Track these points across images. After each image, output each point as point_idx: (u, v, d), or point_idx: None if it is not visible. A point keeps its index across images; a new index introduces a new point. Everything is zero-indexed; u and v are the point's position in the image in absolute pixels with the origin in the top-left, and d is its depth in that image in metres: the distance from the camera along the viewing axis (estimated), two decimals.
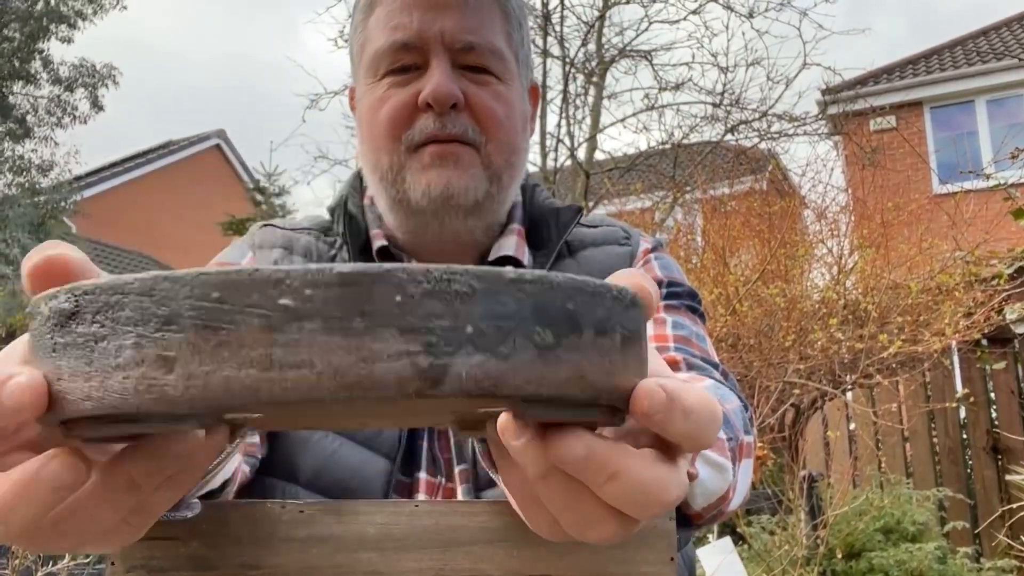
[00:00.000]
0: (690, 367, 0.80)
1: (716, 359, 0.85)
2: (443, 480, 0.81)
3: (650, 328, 0.84)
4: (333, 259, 0.90)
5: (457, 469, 0.81)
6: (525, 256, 0.90)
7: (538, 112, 1.01)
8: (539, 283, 0.31)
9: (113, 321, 0.29)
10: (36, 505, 0.32)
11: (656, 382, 0.34)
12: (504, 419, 0.35)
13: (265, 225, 0.97)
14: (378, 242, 0.90)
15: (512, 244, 0.90)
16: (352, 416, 0.36)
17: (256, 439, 0.79)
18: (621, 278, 0.37)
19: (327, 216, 0.96)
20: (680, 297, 0.89)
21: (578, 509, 0.37)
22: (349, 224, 0.91)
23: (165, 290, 0.29)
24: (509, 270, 0.30)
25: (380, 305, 0.28)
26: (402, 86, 0.84)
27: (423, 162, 0.83)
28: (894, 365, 4.50)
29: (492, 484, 0.79)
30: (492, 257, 0.89)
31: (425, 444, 0.82)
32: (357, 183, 0.96)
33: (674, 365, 0.80)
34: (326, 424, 0.43)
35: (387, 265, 0.29)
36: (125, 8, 12.03)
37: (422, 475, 0.81)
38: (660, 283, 0.89)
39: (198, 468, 0.36)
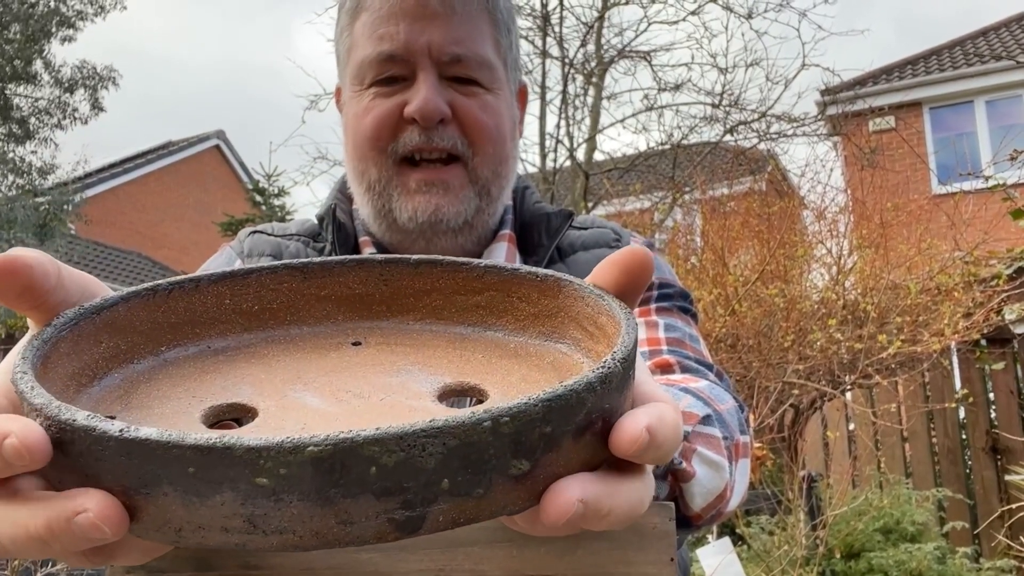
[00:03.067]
0: (684, 369, 0.80)
1: (710, 360, 0.85)
2: None
3: (643, 331, 0.84)
4: None
5: None
6: (516, 263, 0.90)
7: (527, 114, 1.01)
8: (517, 419, 0.30)
9: (98, 468, 0.29)
10: (68, 546, 0.30)
11: (641, 425, 0.33)
12: None
13: (254, 232, 0.97)
14: (367, 249, 0.90)
15: (502, 251, 0.90)
16: None
17: None
18: (615, 260, 0.39)
19: (316, 222, 0.96)
20: (672, 298, 0.89)
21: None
22: (338, 232, 0.91)
23: (142, 455, 0.28)
24: (486, 417, 0.29)
25: (354, 476, 0.28)
26: (388, 96, 0.84)
27: (409, 187, 0.83)
28: (893, 365, 4.50)
29: None
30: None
31: None
32: (345, 189, 0.95)
33: (667, 368, 0.80)
34: None
35: (363, 435, 0.28)
36: (125, 8, 12.01)
37: None
38: (651, 284, 0.89)
39: None
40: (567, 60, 6.86)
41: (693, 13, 6.93)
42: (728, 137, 7.21)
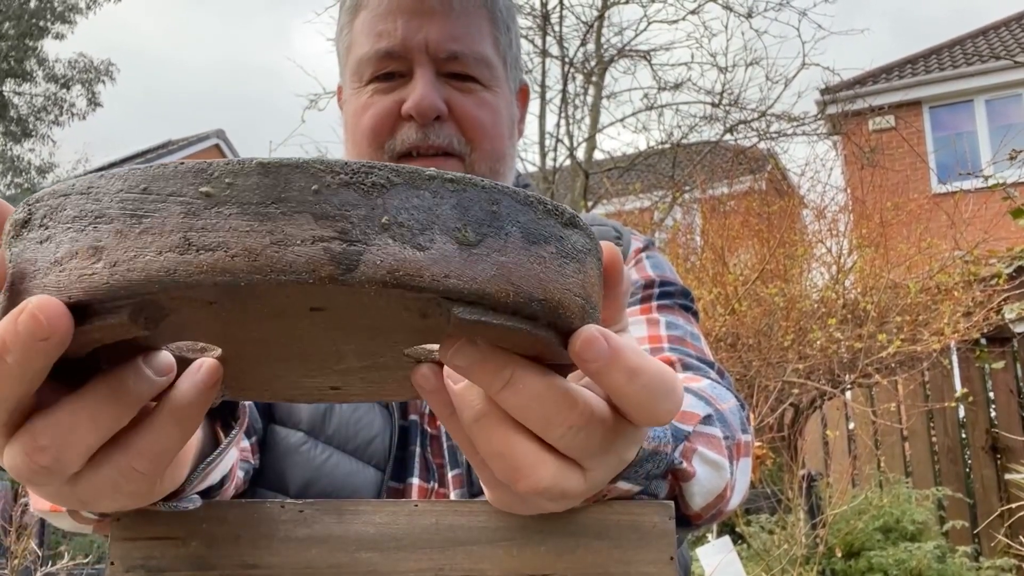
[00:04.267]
0: (686, 367, 0.80)
1: (711, 358, 0.85)
2: (436, 485, 0.81)
3: (644, 329, 0.84)
4: None
5: (450, 474, 0.81)
6: None
7: (527, 113, 1.01)
8: (460, 182, 0.31)
9: (56, 222, 0.31)
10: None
11: (600, 329, 0.33)
12: (448, 342, 0.34)
13: None
14: None
15: None
16: (301, 345, 0.36)
17: (248, 445, 0.79)
18: None
19: None
20: (673, 296, 0.89)
21: (510, 451, 0.36)
22: None
23: (100, 187, 0.30)
24: (431, 169, 0.31)
25: (296, 193, 0.29)
26: (386, 93, 0.84)
27: None
28: (893, 364, 4.51)
29: None
30: None
31: (418, 450, 0.82)
32: None
33: (669, 365, 0.80)
34: (289, 362, 0.40)
35: (307, 158, 0.30)
36: (119, 0, 12.01)
37: (414, 481, 0.81)
38: (652, 282, 0.89)
39: (174, 411, 0.36)
40: (567, 59, 6.86)
41: (693, 12, 6.94)
42: (728, 136, 7.22)
